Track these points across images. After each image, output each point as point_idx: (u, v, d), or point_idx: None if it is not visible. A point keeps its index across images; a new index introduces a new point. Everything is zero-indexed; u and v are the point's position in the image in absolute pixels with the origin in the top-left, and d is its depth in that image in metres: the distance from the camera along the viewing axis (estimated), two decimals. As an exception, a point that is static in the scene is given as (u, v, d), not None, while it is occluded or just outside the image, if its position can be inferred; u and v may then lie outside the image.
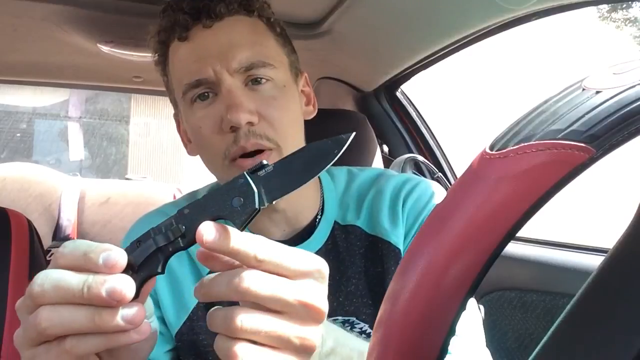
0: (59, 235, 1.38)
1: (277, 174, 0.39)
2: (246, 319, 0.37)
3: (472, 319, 0.65)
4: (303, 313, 0.38)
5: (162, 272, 0.38)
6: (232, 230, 0.37)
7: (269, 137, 0.62)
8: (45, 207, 1.41)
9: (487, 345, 0.64)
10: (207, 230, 0.36)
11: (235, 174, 0.63)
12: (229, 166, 0.63)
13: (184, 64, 0.64)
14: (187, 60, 0.64)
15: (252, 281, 0.37)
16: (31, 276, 0.89)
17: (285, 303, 0.37)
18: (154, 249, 0.37)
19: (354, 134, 0.42)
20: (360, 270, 0.68)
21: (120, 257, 0.35)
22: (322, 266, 0.40)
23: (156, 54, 0.69)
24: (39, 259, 0.91)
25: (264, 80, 0.63)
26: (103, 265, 0.35)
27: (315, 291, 0.38)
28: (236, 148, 0.61)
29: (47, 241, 1.35)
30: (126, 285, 0.35)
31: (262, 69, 0.63)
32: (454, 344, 0.58)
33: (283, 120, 0.63)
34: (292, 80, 0.68)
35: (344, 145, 0.41)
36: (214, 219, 0.37)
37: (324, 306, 0.39)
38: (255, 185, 0.38)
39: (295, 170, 0.40)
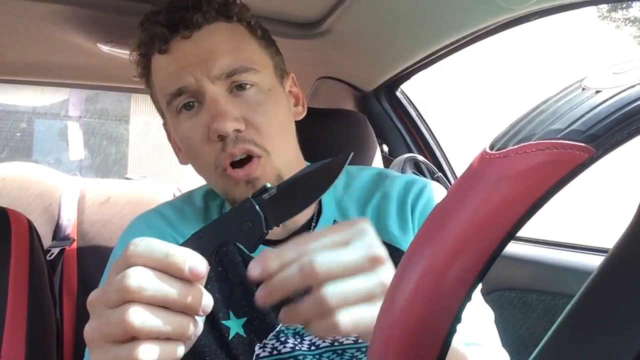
0: (59, 235, 1.38)
1: (282, 197, 0.42)
2: (334, 294, 0.40)
3: (484, 314, 0.65)
4: (369, 267, 0.42)
5: None
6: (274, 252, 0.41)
7: (256, 142, 0.62)
8: (45, 206, 1.41)
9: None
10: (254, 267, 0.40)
11: (227, 184, 0.63)
12: (221, 176, 0.63)
13: (165, 75, 0.64)
14: (167, 70, 0.64)
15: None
16: (31, 276, 0.89)
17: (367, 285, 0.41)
18: None
19: (352, 153, 0.46)
20: None
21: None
22: (376, 252, 0.42)
23: (139, 67, 0.70)
24: (38, 259, 0.92)
25: (248, 86, 0.63)
26: (189, 273, 0.38)
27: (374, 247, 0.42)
28: (225, 155, 0.61)
29: (47, 241, 1.35)
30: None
31: (244, 74, 0.63)
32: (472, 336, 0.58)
33: (270, 125, 0.63)
34: (278, 83, 0.68)
35: (343, 166, 0.44)
36: (225, 243, 0.41)
37: (384, 255, 0.43)
38: (262, 210, 0.41)
39: (299, 192, 0.43)
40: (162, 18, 0.63)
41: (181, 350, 0.40)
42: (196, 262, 0.38)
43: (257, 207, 0.41)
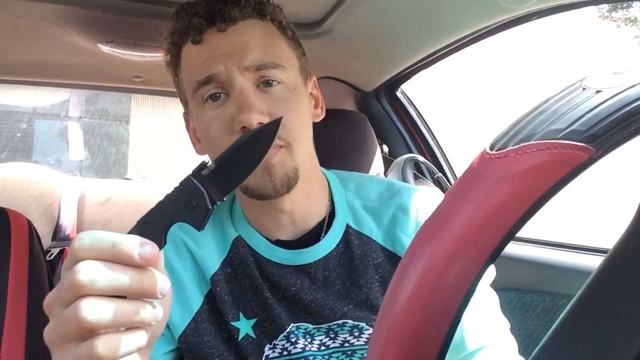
0: (58, 236, 1.38)
1: (222, 170, 0.42)
2: None
3: (489, 304, 0.65)
4: None
5: None
6: None
7: (279, 135, 0.62)
8: (45, 207, 1.41)
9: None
10: None
11: None
12: None
13: (195, 63, 0.65)
14: (199, 59, 0.64)
15: None
16: (31, 276, 0.89)
17: None
18: None
19: (282, 117, 0.47)
20: (372, 281, 0.67)
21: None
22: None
23: (168, 55, 0.70)
24: (38, 259, 0.91)
25: (275, 83, 0.63)
26: (139, 259, 0.38)
27: None
28: None
29: (47, 241, 1.35)
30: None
31: (273, 70, 0.63)
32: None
33: (293, 121, 0.63)
34: (302, 83, 0.68)
35: (277, 129, 0.44)
36: (171, 225, 0.41)
37: None
38: (203, 187, 0.41)
39: (238, 162, 0.42)
40: (200, 9, 0.64)
41: (144, 338, 0.39)
42: (145, 247, 0.38)
43: (198, 184, 0.41)
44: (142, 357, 0.44)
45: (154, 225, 0.40)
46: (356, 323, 0.66)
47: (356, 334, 0.65)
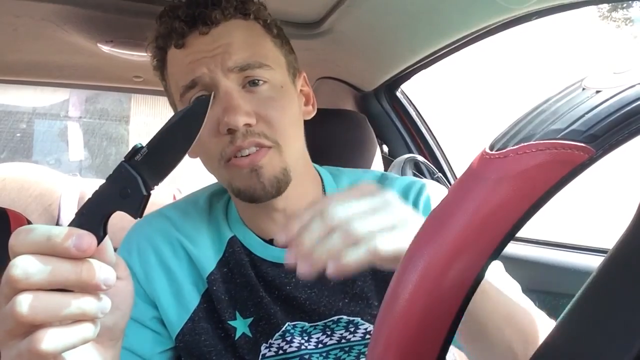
0: (58, 236, 1.38)
1: (155, 153, 0.40)
2: (360, 226, 0.44)
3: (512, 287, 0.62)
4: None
5: None
6: None
7: (267, 135, 0.62)
8: (45, 207, 1.41)
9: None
10: None
11: (231, 174, 0.63)
12: (225, 166, 0.63)
13: (179, 68, 0.65)
14: (182, 63, 0.64)
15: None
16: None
17: None
18: None
19: (212, 93, 0.46)
20: (365, 274, 0.67)
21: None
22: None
23: (155, 59, 0.69)
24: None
25: (261, 82, 0.63)
26: (75, 250, 0.37)
27: None
28: (232, 148, 0.61)
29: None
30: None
31: (258, 70, 0.63)
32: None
33: (281, 121, 0.63)
34: (290, 81, 0.68)
35: (207, 107, 0.42)
36: (110, 214, 0.39)
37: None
38: (137, 172, 0.40)
39: (172, 144, 0.41)
40: (181, 13, 0.64)
41: (90, 330, 0.38)
42: (80, 238, 0.37)
43: (131, 170, 0.39)
44: (106, 349, 0.43)
45: (90, 215, 0.39)
46: (351, 318, 0.66)
47: (352, 329, 0.66)
